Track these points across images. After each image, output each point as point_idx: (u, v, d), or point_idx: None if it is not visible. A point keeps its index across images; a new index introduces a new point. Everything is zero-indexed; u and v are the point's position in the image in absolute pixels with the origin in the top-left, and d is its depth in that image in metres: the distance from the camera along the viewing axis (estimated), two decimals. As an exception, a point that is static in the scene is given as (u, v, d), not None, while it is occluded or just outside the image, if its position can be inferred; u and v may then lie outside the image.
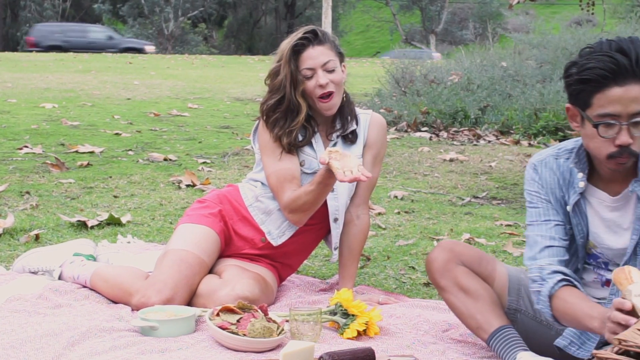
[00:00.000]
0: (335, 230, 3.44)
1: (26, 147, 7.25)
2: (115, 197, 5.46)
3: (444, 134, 9.77)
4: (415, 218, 5.19)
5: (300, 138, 3.37)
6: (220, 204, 3.43)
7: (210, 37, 46.28)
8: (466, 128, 9.99)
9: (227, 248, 3.42)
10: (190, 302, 3.18)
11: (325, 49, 3.34)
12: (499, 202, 5.89)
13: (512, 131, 9.85)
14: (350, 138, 3.45)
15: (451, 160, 7.74)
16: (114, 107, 11.11)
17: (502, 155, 8.22)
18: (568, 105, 2.41)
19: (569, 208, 2.52)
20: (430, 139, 9.46)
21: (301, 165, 3.37)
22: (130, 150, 7.50)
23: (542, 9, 41.56)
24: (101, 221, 4.68)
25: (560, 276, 2.43)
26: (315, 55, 3.32)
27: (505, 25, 36.29)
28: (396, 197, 5.80)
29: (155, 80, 15.72)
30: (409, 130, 9.96)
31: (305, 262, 4.14)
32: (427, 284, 3.81)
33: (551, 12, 39.37)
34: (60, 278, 3.50)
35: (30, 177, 6.01)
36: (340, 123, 3.44)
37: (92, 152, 7.20)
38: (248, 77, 18.66)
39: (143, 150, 7.50)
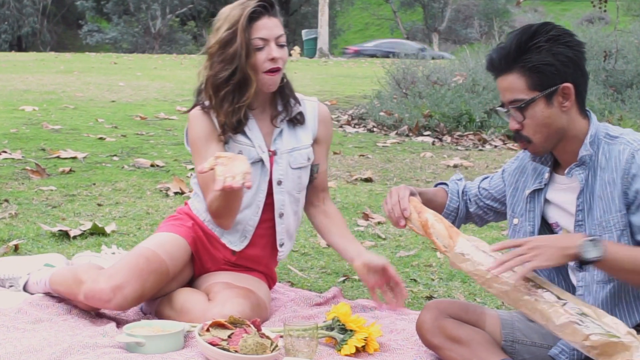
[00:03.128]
0: (280, 225, 3.41)
1: (4, 152, 7.25)
2: (99, 205, 5.47)
3: (447, 138, 9.79)
4: (417, 227, 5.19)
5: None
6: (191, 219, 3.43)
7: (199, 36, 46.28)
8: (471, 132, 10.00)
9: (208, 264, 3.44)
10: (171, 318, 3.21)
11: (278, 22, 3.31)
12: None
13: (519, 135, 9.86)
14: (298, 119, 3.43)
15: (455, 166, 7.76)
16: (97, 110, 11.11)
17: (508, 161, 8.22)
18: None
19: (527, 192, 2.75)
20: (433, 143, 9.47)
21: None
22: (115, 155, 7.50)
23: (551, 6, 41.65)
24: (84, 231, 4.68)
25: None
26: (270, 26, 3.27)
27: (513, 23, 36.34)
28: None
29: (141, 82, 15.72)
30: (411, 134, 9.98)
31: (300, 274, 4.15)
32: (429, 297, 3.82)
33: (561, 10, 39.47)
34: (25, 287, 3.51)
35: (8, 184, 6.02)
36: (282, 105, 3.41)
37: (74, 158, 7.20)
38: (240, 78, 18.55)
39: (129, 156, 7.50)
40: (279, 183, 3.37)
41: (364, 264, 3.23)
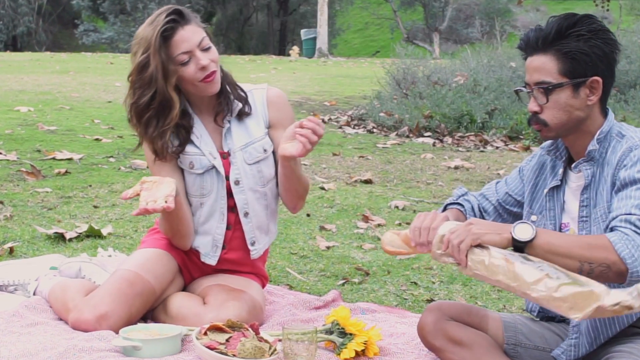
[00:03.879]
0: (248, 225, 3.37)
1: (-1, 153, 7.26)
2: (95, 207, 5.47)
3: (448, 139, 9.79)
4: (418, 230, 5.19)
5: (177, 142, 3.29)
6: None
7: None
8: (472, 133, 10.01)
9: (196, 274, 3.45)
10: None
11: (195, 27, 3.22)
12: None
13: (521, 136, 9.87)
14: (245, 112, 3.37)
15: (456, 167, 7.76)
16: (94, 110, 11.11)
17: (510, 162, 8.24)
18: None
19: (545, 190, 2.72)
20: (434, 144, 9.47)
21: (191, 167, 3.31)
22: (112, 157, 7.50)
23: (553, 5, 41.65)
24: (80, 233, 4.68)
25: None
26: (188, 37, 3.19)
27: (515, 23, 36.33)
28: (397, 207, 5.81)
29: (138, 82, 15.69)
30: (411, 135, 9.98)
31: (299, 277, 4.15)
32: (430, 300, 3.82)
33: (563, 9, 39.41)
34: (35, 293, 3.51)
35: (3, 186, 6.02)
36: (223, 103, 3.35)
37: (70, 159, 7.20)
38: (238, 78, 18.52)
39: (125, 157, 7.50)
40: (237, 183, 3.33)
41: (280, 145, 3.12)
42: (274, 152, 3.39)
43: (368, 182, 6.81)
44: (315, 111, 11.87)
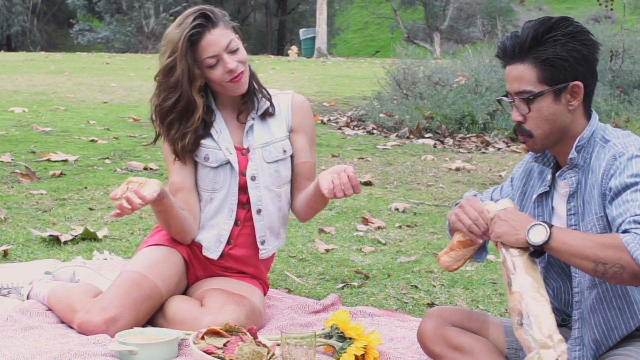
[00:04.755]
0: (259, 222, 3.41)
1: (-7, 155, 7.26)
2: (90, 209, 5.47)
3: (449, 140, 9.80)
4: (418, 232, 5.20)
5: (195, 136, 3.36)
6: None
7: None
8: (474, 134, 10.01)
9: (199, 272, 3.46)
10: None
11: (222, 30, 3.29)
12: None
13: (523, 138, 9.87)
14: (269, 112, 3.44)
15: (457, 169, 7.76)
16: (89, 111, 11.11)
17: (512, 164, 8.24)
18: None
19: (534, 196, 2.73)
20: (435, 146, 9.47)
21: (206, 160, 3.37)
22: (107, 158, 7.50)
23: (556, 4, 41.69)
24: (75, 236, 4.68)
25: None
26: (215, 41, 3.26)
27: (517, 22, 36.33)
28: (397, 209, 5.81)
29: (134, 82, 15.71)
30: (412, 136, 9.99)
31: (298, 281, 4.15)
32: (430, 304, 3.82)
33: (566, 8, 39.49)
34: (28, 297, 3.52)
35: (-3, 188, 6.02)
36: (250, 101, 3.42)
37: (65, 161, 7.20)
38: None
39: (121, 159, 7.50)
40: (253, 179, 3.38)
41: (322, 173, 3.16)
42: (292, 156, 3.46)
43: (368, 184, 6.81)
44: (315, 113, 11.87)
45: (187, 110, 3.30)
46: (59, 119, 10.07)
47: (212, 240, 3.41)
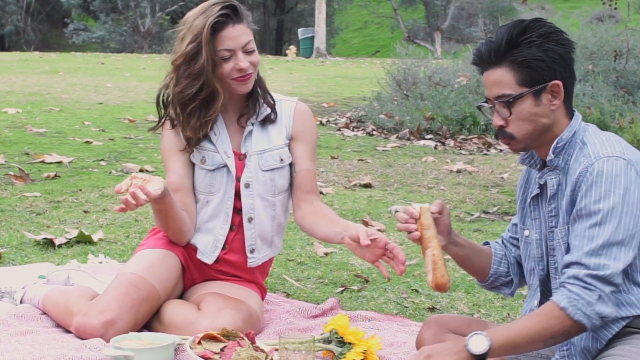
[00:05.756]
0: (250, 230, 3.41)
1: (-14, 156, 7.26)
2: (85, 212, 5.47)
3: (450, 142, 9.80)
4: (419, 235, 5.19)
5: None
6: None
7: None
8: (475, 135, 10.02)
9: (195, 274, 3.46)
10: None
11: (245, 28, 3.31)
12: (512, 217, 5.90)
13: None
14: (270, 119, 3.44)
15: (459, 171, 7.77)
16: (84, 112, 11.11)
17: (514, 165, 8.24)
18: None
19: (528, 200, 2.75)
20: (436, 147, 9.48)
21: (202, 162, 3.38)
22: (103, 160, 7.50)
23: (559, 3, 41.71)
24: (70, 239, 4.68)
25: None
26: (235, 36, 3.28)
27: (519, 22, 36.31)
28: (397, 212, 5.80)
29: (130, 83, 15.71)
30: (412, 138, 9.99)
31: (296, 284, 4.15)
32: (431, 309, 3.82)
33: (569, 7, 39.49)
34: (22, 301, 3.51)
35: (-10, 190, 6.02)
36: (251, 105, 3.43)
37: (59, 163, 7.20)
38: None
39: (116, 160, 7.51)
40: (247, 186, 3.38)
41: (351, 237, 3.04)
42: (290, 165, 3.46)
43: (367, 186, 6.81)
44: (314, 114, 11.86)
45: (209, 98, 3.30)
46: (54, 120, 10.07)
47: (208, 245, 3.41)
